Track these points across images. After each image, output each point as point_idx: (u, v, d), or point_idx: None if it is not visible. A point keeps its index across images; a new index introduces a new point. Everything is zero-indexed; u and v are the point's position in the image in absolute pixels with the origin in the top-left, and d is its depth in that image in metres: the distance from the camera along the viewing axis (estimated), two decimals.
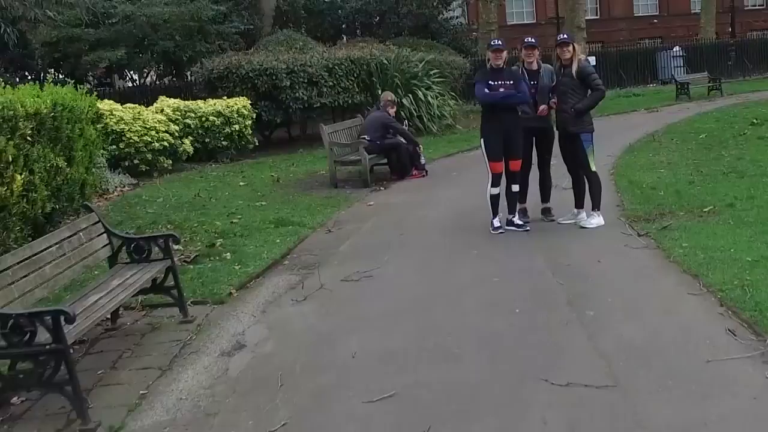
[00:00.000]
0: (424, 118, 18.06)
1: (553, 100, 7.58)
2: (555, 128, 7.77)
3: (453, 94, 20.09)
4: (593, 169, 7.62)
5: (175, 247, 8.00)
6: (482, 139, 7.57)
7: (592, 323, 4.93)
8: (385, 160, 12.24)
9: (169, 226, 9.10)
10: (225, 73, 16.80)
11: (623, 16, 42.75)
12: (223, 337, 5.44)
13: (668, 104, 24.08)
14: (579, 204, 7.81)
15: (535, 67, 7.55)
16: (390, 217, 9.17)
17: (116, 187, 12.78)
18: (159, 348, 5.32)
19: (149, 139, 13.98)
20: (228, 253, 7.56)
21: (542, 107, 7.61)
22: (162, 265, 5.84)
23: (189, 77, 19.44)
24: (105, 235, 5.84)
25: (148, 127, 14.13)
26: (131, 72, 22.31)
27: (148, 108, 15.32)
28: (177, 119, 15.08)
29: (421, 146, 12.37)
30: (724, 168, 10.51)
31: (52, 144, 7.86)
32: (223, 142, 15.77)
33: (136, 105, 15.28)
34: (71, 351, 5.24)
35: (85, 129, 8.98)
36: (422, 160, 12.18)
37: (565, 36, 7.61)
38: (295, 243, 8.02)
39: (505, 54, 7.49)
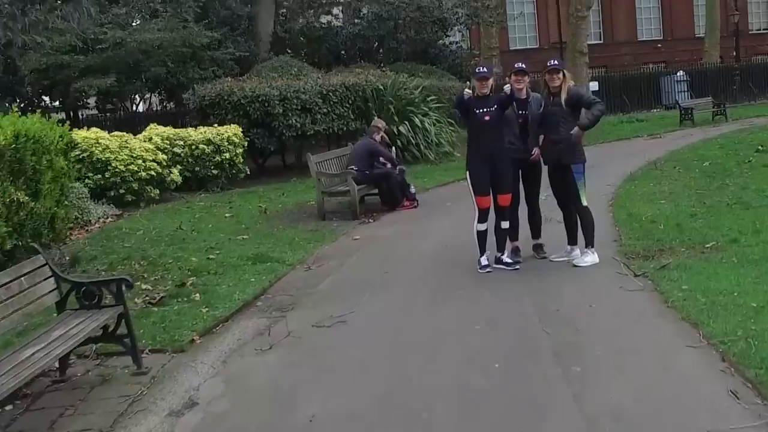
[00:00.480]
0: (421, 146, 17.66)
1: (540, 136, 7.14)
2: (543, 162, 7.29)
3: (451, 120, 19.68)
4: (584, 203, 7.15)
5: (143, 286, 7.62)
6: (468, 172, 7.11)
7: (579, 380, 4.43)
8: (376, 190, 11.80)
9: (142, 262, 8.67)
10: (217, 100, 16.46)
11: (627, 41, 42.45)
12: (176, 392, 4.96)
13: (672, 130, 23.66)
14: (572, 240, 7.33)
15: (524, 95, 7.13)
16: (375, 252, 8.71)
17: (99, 218, 12.39)
18: (105, 405, 4.84)
19: (135, 169, 13.60)
20: (198, 294, 7.10)
21: (535, 151, 7.19)
22: (114, 311, 5.37)
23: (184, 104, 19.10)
24: (53, 279, 5.39)
25: (134, 155, 13.76)
26: (136, 97, 22.02)
27: (137, 136, 14.99)
28: (165, 148, 14.71)
29: (403, 166, 11.93)
30: (728, 198, 10.02)
31: (12, 177, 7.43)
32: (213, 171, 15.37)
33: (124, 133, 14.96)
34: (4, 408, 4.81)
35: (54, 160, 8.56)
36: (412, 189, 11.72)
37: (555, 62, 7.17)
38: (271, 282, 7.55)
39: (491, 81, 7.06)
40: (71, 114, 21.56)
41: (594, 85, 31.16)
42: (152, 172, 13.81)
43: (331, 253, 8.87)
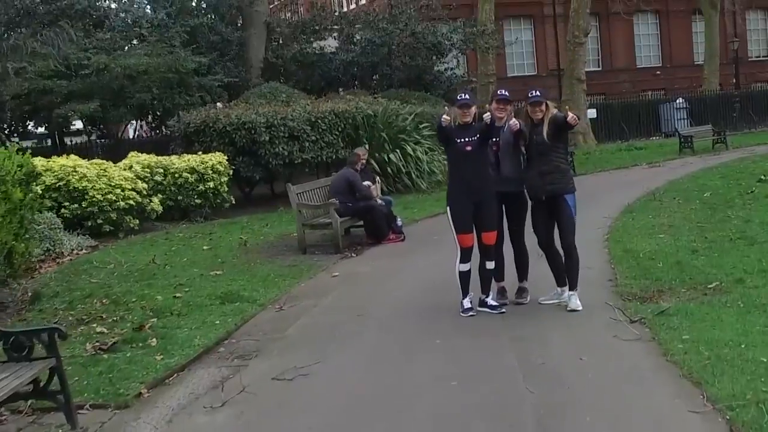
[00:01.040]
0: (413, 174, 17.14)
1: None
2: (528, 196, 6.71)
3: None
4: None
5: (98, 329, 7.03)
6: (448, 207, 6.55)
7: None
8: (362, 222, 11.26)
9: (104, 301, 8.10)
10: (202, 127, 15.97)
11: (625, 68, 42.15)
12: None
13: (671, 158, 23.18)
14: (562, 281, 6.74)
15: (502, 123, 6.60)
16: (353, 291, 8.12)
17: (72, 249, 11.84)
18: None
19: (114, 198, 13.10)
20: (155, 339, 6.50)
21: (513, 122, 6.49)
22: (45, 364, 4.79)
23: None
24: None
25: (113, 184, 13.26)
26: (129, 123, 21.55)
27: (117, 164, 14.50)
28: (146, 176, 14.20)
29: (390, 198, 11.38)
30: (731, 233, 9.45)
31: None
32: (197, 200, 14.85)
33: (104, 161, 14.47)
34: None
35: (10, 191, 8.01)
36: (398, 222, 11.16)
37: (537, 93, 6.60)
38: (237, 325, 6.96)
39: (474, 110, 6.53)
40: (58, 140, 21.09)
41: (592, 113, 30.79)
42: (131, 202, 13.31)
43: (307, 291, 8.28)
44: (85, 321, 7.30)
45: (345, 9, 32.65)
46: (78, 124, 20.65)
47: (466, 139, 6.38)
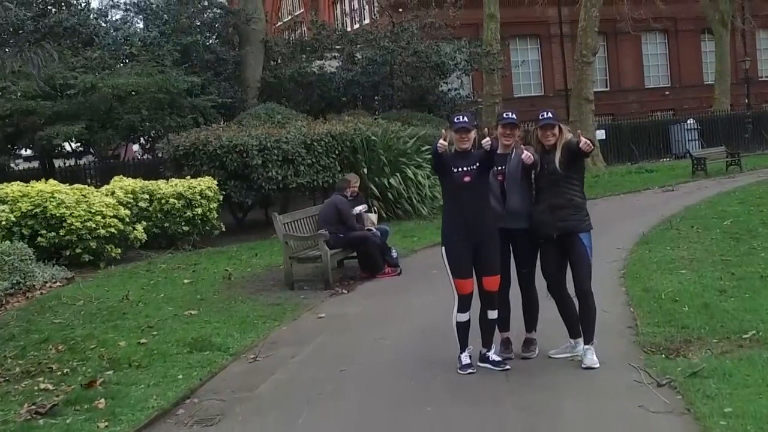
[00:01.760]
0: (414, 199, 16.28)
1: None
2: (538, 235, 5.81)
3: None
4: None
5: (42, 385, 6.15)
6: (443, 247, 5.66)
7: None
8: (356, 254, 10.39)
9: (61, 347, 7.25)
10: (191, 150, 15.16)
11: (633, 88, 41.36)
12: None
13: (684, 181, 22.25)
14: (575, 332, 5.84)
15: (508, 149, 5.75)
16: (338, 338, 7.21)
17: (45, 282, 11.04)
18: None
19: (94, 225, 12.31)
20: (104, 399, 5.61)
21: (525, 154, 5.57)
22: None
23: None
24: None
25: (93, 211, 12.47)
26: (143, 140, 20.77)
27: (99, 189, 13.73)
28: (129, 202, 13.38)
29: (386, 227, 10.51)
30: (760, 268, 8.53)
31: None
32: (184, 228, 14.02)
33: (85, 186, 13.69)
34: None
35: None
36: (393, 254, 10.27)
37: (549, 115, 5.72)
38: (203, 379, 6.07)
39: (473, 134, 5.66)
40: (46, 163, 20.33)
41: (601, 134, 29.92)
42: (113, 230, 12.52)
43: (288, 336, 7.38)
44: (32, 373, 6.43)
45: (348, 29, 31.98)
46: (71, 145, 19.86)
47: (465, 169, 5.51)
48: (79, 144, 19.83)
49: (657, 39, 42.74)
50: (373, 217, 11.19)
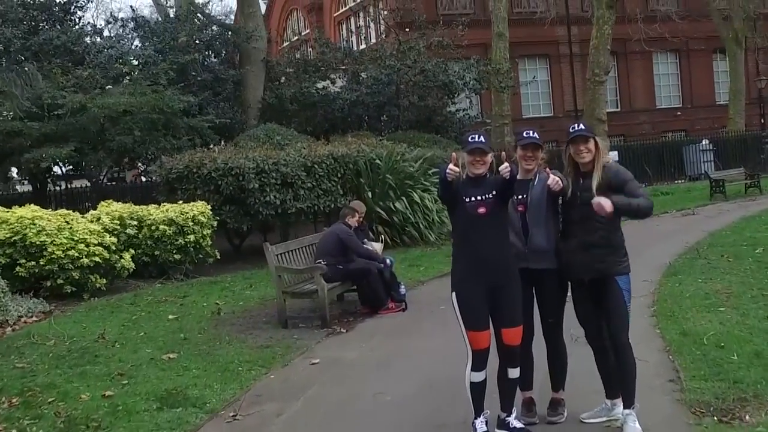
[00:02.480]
0: (421, 225, 15.37)
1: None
2: (568, 276, 4.88)
3: None
4: (628, 337, 4.78)
5: None
6: (454, 293, 4.73)
7: None
8: (356, 287, 9.46)
9: (15, 400, 6.36)
10: (185, 173, 14.31)
11: (645, 108, 40.62)
12: None
13: (703, 204, 21.27)
14: (612, 392, 4.89)
15: (530, 175, 4.85)
16: (332, 391, 6.25)
17: (20, 317, 10.21)
18: None
19: (77, 254, 11.51)
20: None
21: (552, 179, 4.67)
22: None
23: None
24: None
25: (76, 239, 11.66)
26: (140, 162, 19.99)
27: (84, 215, 12.91)
28: (115, 229, 12.53)
29: (388, 261, 9.55)
30: None
31: None
32: (176, 256, 13.13)
33: (70, 211, 12.86)
34: None
35: None
36: (401, 290, 9.32)
37: (582, 127, 4.83)
38: None
39: (489, 157, 4.75)
40: (38, 186, 19.53)
41: (614, 155, 29.02)
42: (97, 259, 11.69)
43: (275, 388, 6.44)
44: None
45: (355, 48, 31.34)
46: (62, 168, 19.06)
47: (480, 198, 4.59)
48: (72, 167, 19.04)
49: (668, 59, 42.08)
50: (378, 246, 10.29)
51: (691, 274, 10.12)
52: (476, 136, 4.74)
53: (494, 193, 4.57)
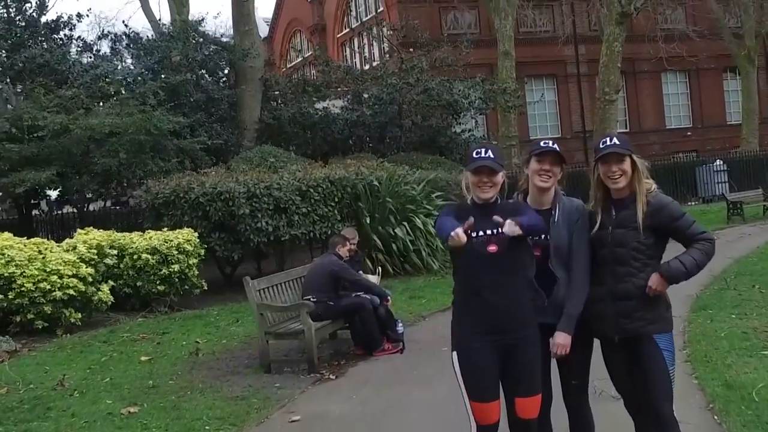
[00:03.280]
0: (423, 252, 14.39)
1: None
2: (594, 333, 3.89)
3: None
4: (672, 409, 3.78)
5: None
6: (454, 353, 3.73)
7: None
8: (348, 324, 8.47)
9: None
10: (172, 197, 13.40)
11: (654, 129, 39.71)
12: None
13: (721, 227, 20.24)
14: None
15: (547, 203, 3.89)
16: None
17: None
18: None
19: (48, 287, 10.60)
20: None
21: (507, 226, 3.61)
22: None
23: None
24: None
25: (48, 270, 10.75)
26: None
27: (60, 244, 12.01)
28: (92, 259, 11.59)
29: (390, 297, 8.57)
30: None
31: None
32: (159, 287, 12.19)
33: (44, 240, 11.96)
34: None
35: None
36: (399, 328, 8.31)
37: (616, 141, 3.83)
38: None
39: (500, 177, 3.77)
40: (23, 212, 18.66)
41: None
42: (71, 292, 10.78)
43: None
44: None
45: (358, 67, 30.58)
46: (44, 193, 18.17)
47: (489, 233, 3.62)
48: (58, 191, 18.18)
49: (677, 78, 41.24)
50: (375, 279, 9.30)
51: (723, 308, 9.12)
52: (482, 151, 3.74)
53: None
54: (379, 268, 11.30)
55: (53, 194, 19.32)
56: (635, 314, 3.70)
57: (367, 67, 31.98)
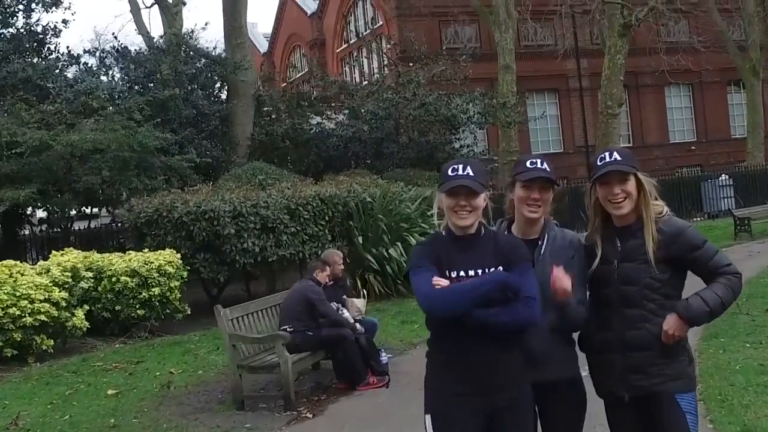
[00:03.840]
0: None
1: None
2: (596, 390, 3.26)
3: None
4: None
5: None
6: (428, 415, 3.09)
7: None
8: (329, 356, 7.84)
9: None
10: (154, 216, 12.82)
11: (658, 143, 39.14)
12: None
13: (728, 244, 19.56)
14: None
15: (535, 233, 3.27)
16: None
17: None
18: None
19: (18, 312, 10.03)
20: None
21: (556, 274, 3.05)
22: None
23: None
24: None
25: (18, 294, 10.21)
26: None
27: (33, 266, 11.46)
28: (66, 282, 11.00)
29: (361, 328, 7.92)
30: None
31: None
32: (139, 311, 11.61)
33: (17, 262, 11.36)
34: None
35: None
36: (383, 359, 7.68)
37: (617, 157, 3.19)
38: None
39: (481, 200, 3.14)
40: (12, 231, 18.07)
41: None
42: (43, 317, 10.21)
43: None
44: None
45: (358, 82, 30.08)
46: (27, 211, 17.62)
47: (472, 273, 3.01)
48: (42, 209, 17.60)
49: (681, 91, 40.72)
50: (361, 303, 8.68)
51: (735, 336, 8.45)
52: (460, 167, 3.09)
53: (492, 269, 2.96)
54: (364, 291, 10.66)
55: (41, 213, 18.78)
56: (651, 369, 3.07)
57: (366, 82, 31.53)
